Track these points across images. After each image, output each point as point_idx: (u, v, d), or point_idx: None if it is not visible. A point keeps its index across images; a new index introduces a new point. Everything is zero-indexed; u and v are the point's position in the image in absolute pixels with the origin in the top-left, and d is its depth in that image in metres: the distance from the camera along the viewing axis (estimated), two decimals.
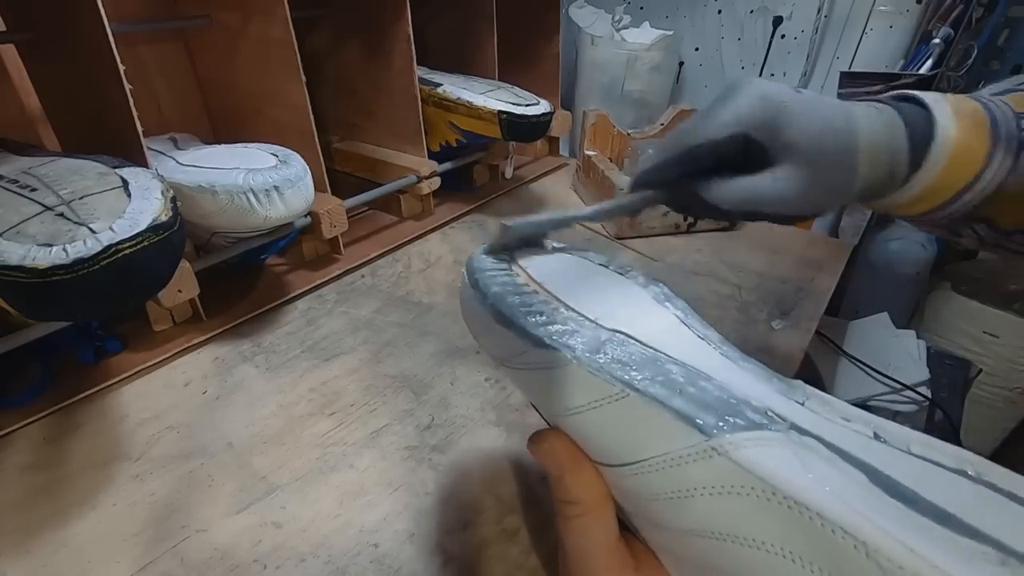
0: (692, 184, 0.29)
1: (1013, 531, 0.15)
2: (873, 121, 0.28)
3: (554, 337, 0.21)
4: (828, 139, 0.27)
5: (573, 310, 0.23)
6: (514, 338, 0.22)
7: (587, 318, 0.23)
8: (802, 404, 0.21)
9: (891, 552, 0.14)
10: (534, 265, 0.26)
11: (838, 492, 0.16)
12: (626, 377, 0.20)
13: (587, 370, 0.21)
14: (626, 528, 0.23)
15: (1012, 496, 0.16)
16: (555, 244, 0.29)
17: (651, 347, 0.22)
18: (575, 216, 0.27)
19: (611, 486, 0.22)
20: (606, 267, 0.28)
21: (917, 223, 0.32)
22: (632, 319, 0.23)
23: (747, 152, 0.28)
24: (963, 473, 0.17)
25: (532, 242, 0.28)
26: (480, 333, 0.26)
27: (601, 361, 0.21)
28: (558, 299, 0.24)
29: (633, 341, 0.22)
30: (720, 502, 0.18)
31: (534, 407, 0.27)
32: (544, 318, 0.22)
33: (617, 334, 0.22)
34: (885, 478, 0.17)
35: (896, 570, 0.14)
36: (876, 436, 0.19)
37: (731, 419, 0.19)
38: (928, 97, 0.28)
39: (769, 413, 0.19)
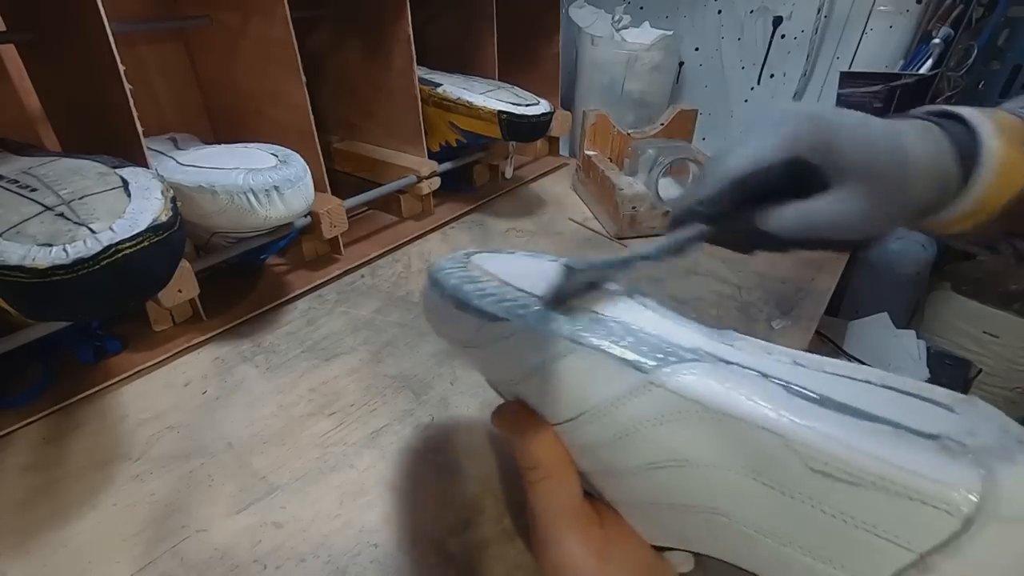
0: (744, 215, 0.28)
1: (905, 414, 0.18)
2: (922, 139, 0.28)
3: (506, 310, 0.24)
4: (881, 159, 0.26)
5: (523, 291, 0.25)
6: (470, 318, 0.25)
7: (534, 295, 0.25)
8: (731, 346, 0.23)
9: (804, 438, 0.17)
10: (488, 262, 0.28)
11: (759, 400, 0.19)
12: (571, 333, 0.22)
13: (536, 333, 0.23)
14: (589, 494, 0.24)
15: (909, 393, 0.19)
16: (508, 251, 0.31)
17: (594, 311, 0.24)
18: (637, 256, 0.26)
19: (569, 447, 0.24)
20: (555, 260, 0.30)
21: (958, 240, 0.32)
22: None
23: (798, 178, 0.27)
24: (868, 382, 0.20)
25: (593, 287, 0.26)
26: (441, 322, 0.27)
27: (549, 324, 0.23)
28: (509, 284, 0.26)
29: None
30: (660, 430, 0.20)
31: (496, 390, 0.29)
32: (496, 297, 0.24)
33: None
34: (799, 388, 0.20)
35: (810, 451, 0.17)
36: (795, 363, 0.22)
37: (665, 357, 0.21)
38: (966, 112, 0.28)
39: (700, 352, 0.22)
